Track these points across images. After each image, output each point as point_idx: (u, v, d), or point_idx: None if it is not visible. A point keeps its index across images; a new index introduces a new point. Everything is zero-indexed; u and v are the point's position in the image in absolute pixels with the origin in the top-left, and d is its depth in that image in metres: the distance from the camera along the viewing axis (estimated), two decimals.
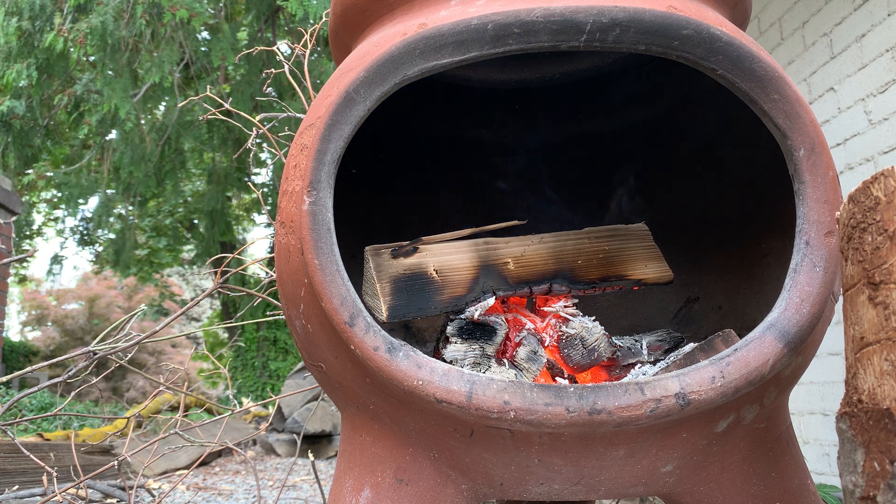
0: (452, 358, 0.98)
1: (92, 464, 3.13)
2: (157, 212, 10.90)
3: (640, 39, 0.87)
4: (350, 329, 0.86)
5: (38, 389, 1.84)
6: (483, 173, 1.46)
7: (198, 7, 5.53)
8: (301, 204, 0.90)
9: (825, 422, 2.48)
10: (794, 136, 0.88)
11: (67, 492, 2.10)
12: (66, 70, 6.60)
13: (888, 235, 0.61)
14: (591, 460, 0.90)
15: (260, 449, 5.90)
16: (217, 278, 1.78)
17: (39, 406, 6.41)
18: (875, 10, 2.26)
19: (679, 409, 0.81)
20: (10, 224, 4.96)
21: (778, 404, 1.00)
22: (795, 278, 0.88)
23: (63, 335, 13.44)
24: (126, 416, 1.93)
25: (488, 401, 0.81)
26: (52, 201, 11.81)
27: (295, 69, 1.86)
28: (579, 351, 1.05)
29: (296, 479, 4.00)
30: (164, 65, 6.00)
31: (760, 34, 2.96)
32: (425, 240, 1.07)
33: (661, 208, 1.36)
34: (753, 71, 0.88)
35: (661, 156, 1.40)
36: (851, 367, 0.65)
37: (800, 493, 1.00)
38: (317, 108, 1.01)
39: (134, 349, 1.81)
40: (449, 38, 0.88)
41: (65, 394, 6.67)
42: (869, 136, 2.29)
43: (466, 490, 0.98)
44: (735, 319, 1.19)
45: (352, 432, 1.03)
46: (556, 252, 1.13)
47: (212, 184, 8.93)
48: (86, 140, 8.18)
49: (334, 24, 1.19)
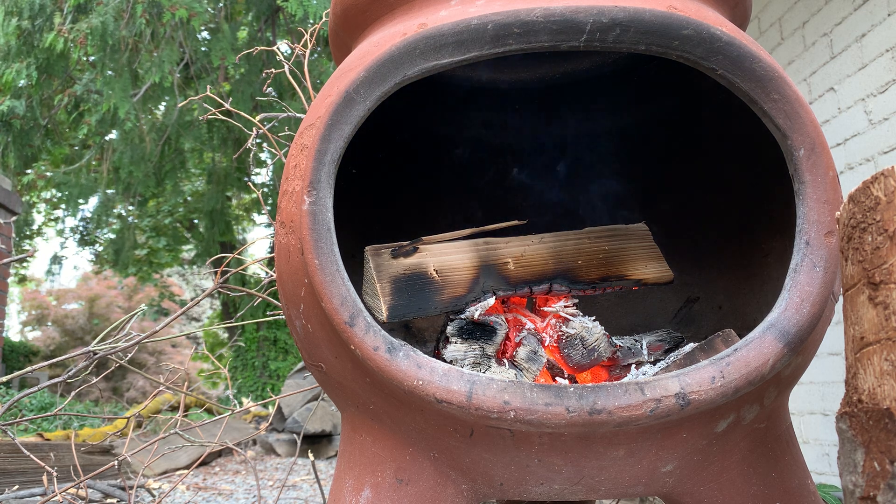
0: (452, 358, 0.98)
1: (92, 464, 3.13)
2: (156, 212, 10.90)
3: (640, 39, 0.87)
4: (350, 329, 0.86)
5: (38, 389, 1.84)
6: (483, 173, 1.46)
7: (197, 7, 5.52)
8: (301, 204, 0.90)
9: (825, 422, 2.48)
10: (794, 136, 0.88)
11: (67, 492, 2.10)
12: (66, 70, 6.60)
13: (888, 235, 0.61)
14: (591, 460, 0.90)
15: (260, 449, 5.90)
16: (217, 278, 1.78)
17: (39, 406, 6.41)
18: (875, 10, 2.26)
19: (679, 409, 0.81)
20: (10, 224, 4.96)
21: (778, 404, 1.00)
22: (795, 278, 0.88)
23: (63, 335, 13.44)
24: (126, 416, 1.93)
25: (488, 401, 0.81)
26: (52, 201, 11.81)
27: (295, 69, 1.86)
28: (579, 351, 1.05)
29: (296, 479, 4.00)
30: (164, 65, 6.00)
31: (760, 34, 2.96)
32: (425, 240, 1.07)
33: (661, 208, 1.36)
34: (753, 71, 0.88)
35: (661, 156, 1.40)
36: (851, 367, 0.65)
37: (800, 493, 1.00)
38: (317, 108, 1.01)
39: (134, 349, 1.81)
40: (449, 38, 0.88)
41: (65, 394, 6.68)
42: (869, 136, 2.29)
43: (466, 490, 0.98)
44: (735, 319, 1.19)
45: (352, 432, 1.03)
46: (556, 252, 1.13)
47: (212, 184, 8.92)
48: (85, 140, 8.18)
49: (334, 23, 1.19)
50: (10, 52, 5.89)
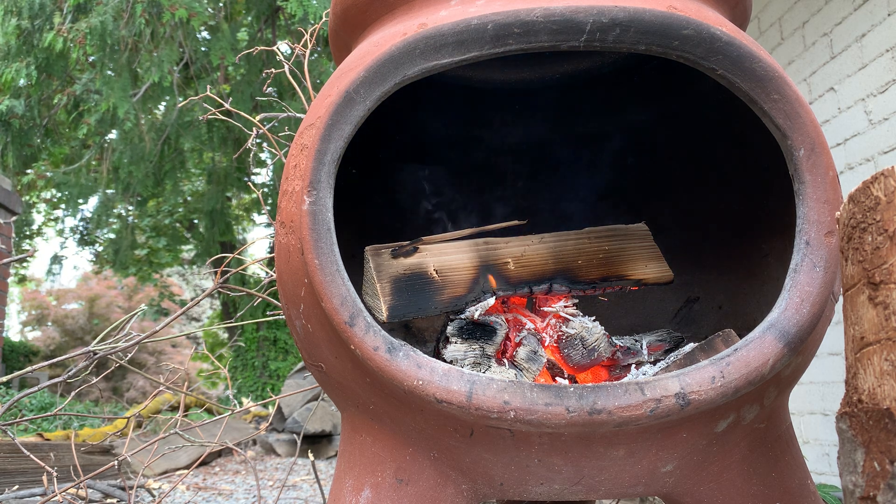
0: (452, 358, 0.98)
1: (92, 464, 3.13)
2: (156, 212, 10.90)
3: (640, 39, 0.87)
4: (350, 329, 0.86)
5: (38, 389, 1.84)
6: (483, 173, 1.46)
7: (197, 7, 5.52)
8: (301, 204, 0.90)
9: (825, 422, 2.48)
10: (794, 136, 0.88)
11: (67, 492, 2.10)
12: (66, 70, 6.60)
13: (888, 235, 0.61)
14: (591, 460, 0.90)
15: (260, 449, 5.90)
16: (217, 278, 1.78)
17: (39, 406, 6.41)
18: (875, 10, 2.26)
19: (679, 409, 0.81)
20: (10, 224, 4.96)
21: (778, 404, 1.00)
22: (795, 278, 0.88)
23: (63, 335, 13.44)
24: (126, 416, 1.93)
25: (488, 401, 0.81)
26: (52, 201, 11.81)
27: (295, 69, 1.86)
28: (579, 351, 1.05)
29: (296, 479, 4.00)
30: (164, 64, 6.00)
31: (760, 34, 2.96)
32: (425, 240, 1.07)
33: (661, 208, 1.36)
34: (753, 71, 0.88)
35: (661, 156, 1.40)
36: (851, 367, 0.65)
37: (800, 493, 1.00)
38: (317, 108, 1.01)
39: (134, 349, 1.81)
40: (449, 37, 0.88)
41: (65, 394, 6.67)
42: (869, 136, 2.29)
43: (466, 490, 0.98)
44: (735, 319, 1.19)
45: (352, 432, 1.03)
46: (557, 252, 1.13)
47: (211, 184, 8.92)
48: (85, 140, 8.17)
49: (334, 23, 1.19)
50: (10, 51, 5.88)
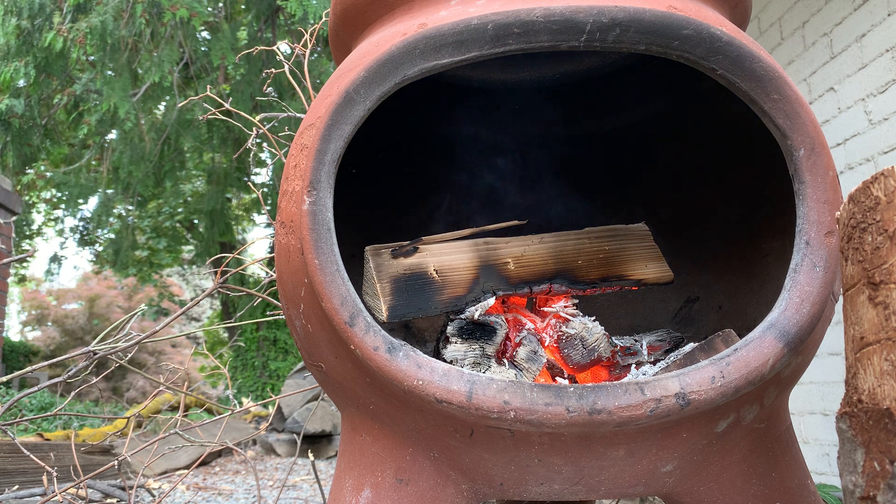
0: (452, 358, 0.98)
1: (92, 464, 3.12)
2: (157, 212, 10.90)
3: (640, 39, 0.87)
4: (350, 329, 0.86)
5: (38, 389, 1.84)
6: (483, 173, 1.46)
7: (197, 6, 5.52)
8: (301, 204, 0.90)
9: (825, 422, 2.48)
10: (794, 136, 0.88)
11: (67, 492, 2.10)
12: (66, 69, 6.59)
13: (888, 235, 0.61)
14: (591, 460, 0.90)
15: (260, 449, 5.90)
16: (217, 278, 1.78)
17: (39, 406, 6.41)
18: (875, 10, 2.26)
19: (679, 409, 0.81)
20: (10, 224, 4.96)
21: (778, 404, 1.00)
22: (795, 278, 0.88)
23: (63, 335, 13.44)
24: (126, 416, 1.93)
25: (488, 401, 0.81)
26: (52, 201, 11.80)
27: (295, 69, 1.86)
28: (579, 351, 1.05)
29: (296, 479, 4.00)
30: (164, 64, 6.00)
31: (760, 34, 2.96)
32: (425, 240, 1.07)
33: (661, 208, 1.36)
34: (753, 71, 0.88)
35: (661, 155, 1.40)
36: (851, 367, 0.65)
37: (800, 493, 1.00)
38: (317, 108, 1.01)
39: (134, 349, 1.81)
40: (449, 38, 0.88)
41: (65, 394, 6.67)
42: (869, 136, 2.29)
43: (466, 490, 0.98)
44: (735, 319, 1.19)
45: (352, 432, 1.03)
46: (557, 252, 1.13)
47: (211, 184, 8.91)
48: (85, 140, 8.17)
49: (334, 23, 1.19)
50: (10, 51, 5.88)
